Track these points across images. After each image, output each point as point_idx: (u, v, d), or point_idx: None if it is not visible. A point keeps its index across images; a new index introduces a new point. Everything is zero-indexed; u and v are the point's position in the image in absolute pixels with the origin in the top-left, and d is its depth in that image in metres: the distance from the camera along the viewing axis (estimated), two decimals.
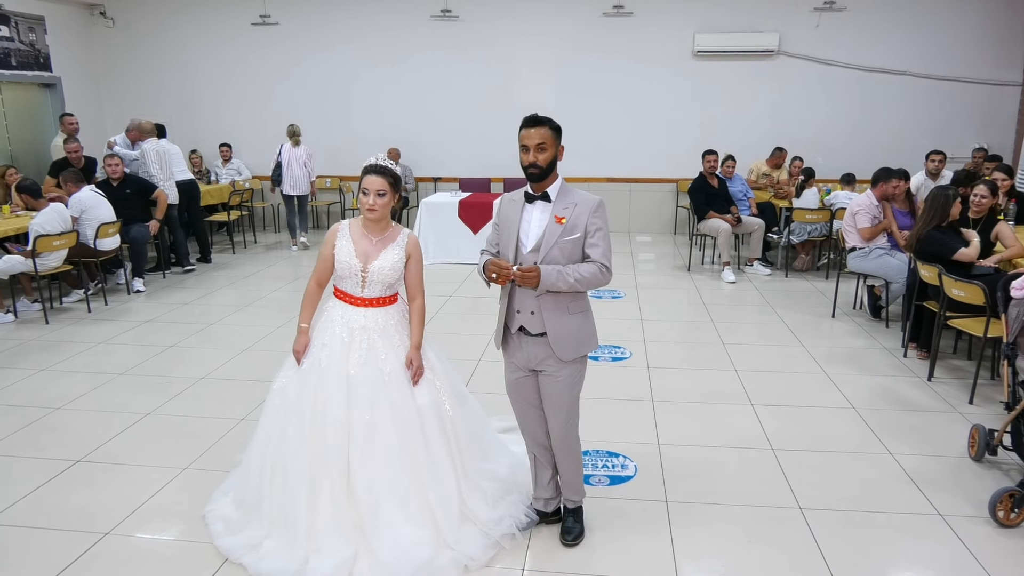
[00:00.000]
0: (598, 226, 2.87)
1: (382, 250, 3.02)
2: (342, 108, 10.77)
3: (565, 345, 2.89)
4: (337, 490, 2.90)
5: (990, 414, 4.40)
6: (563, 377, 2.93)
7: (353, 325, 3.01)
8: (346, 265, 3.00)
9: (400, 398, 2.97)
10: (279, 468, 2.98)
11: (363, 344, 2.99)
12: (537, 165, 2.81)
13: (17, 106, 9.73)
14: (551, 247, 2.83)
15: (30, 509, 3.41)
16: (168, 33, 10.84)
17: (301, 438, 2.93)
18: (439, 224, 8.79)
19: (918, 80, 9.74)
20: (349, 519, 2.90)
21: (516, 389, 3.08)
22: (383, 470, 2.91)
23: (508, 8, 10.16)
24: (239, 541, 3.02)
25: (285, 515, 2.94)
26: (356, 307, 3.04)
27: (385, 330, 3.03)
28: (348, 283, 3.04)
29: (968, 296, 4.59)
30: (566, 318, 2.88)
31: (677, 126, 10.27)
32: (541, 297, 2.85)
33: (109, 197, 7.18)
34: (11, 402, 4.65)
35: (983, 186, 5.32)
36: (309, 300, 3.14)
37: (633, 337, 5.89)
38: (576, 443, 3.09)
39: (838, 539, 3.16)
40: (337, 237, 3.06)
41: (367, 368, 2.96)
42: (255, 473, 3.10)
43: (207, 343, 5.82)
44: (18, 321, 6.41)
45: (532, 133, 2.79)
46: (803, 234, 8.04)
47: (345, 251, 3.01)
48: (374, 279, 3.00)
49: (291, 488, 2.93)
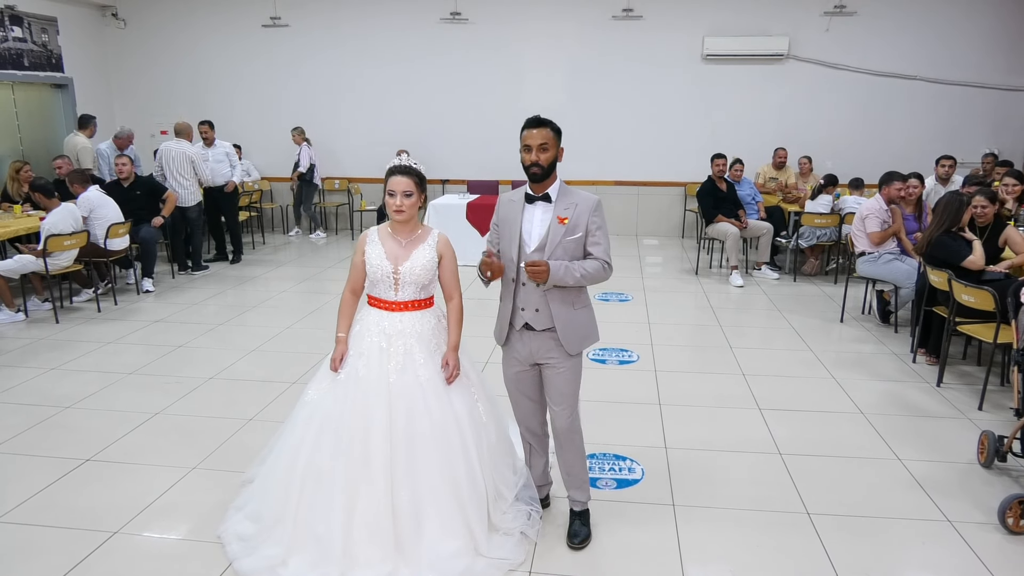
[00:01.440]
0: (598, 224, 2.96)
1: (412, 251, 2.98)
2: (351, 110, 10.80)
3: (573, 339, 2.99)
4: (377, 502, 2.83)
5: (1000, 420, 4.38)
6: (567, 368, 3.02)
7: (390, 331, 2.97)
8: (377, 268, 2.97)
9: (439, 406, 2.93)
10: (310, 479, 2.89)
11: (400, 350, 2.94)
12: (539, 164, 2.88)
13: (30, 106, 9.80)
14: (555, 246, 2.90)
15: (40, 507, 3.43)
16: (179, 34, 10.90)
17: (338, 449, 2.87)
18: (447, 226, 8.78)
19: (928, 85, 9.71)
20: (388, 532, 2.82)
21: (516, 382, 3.15)
22: (424, 480, 2.87)
23: (517, 11, 10.18)
24: (259, 563, 2.90)
25: (316, 530, 2.85)
26: (391, 312, 3.00)
27: (422, 335, 2.99)
28: (381, 287, 3.00)
29: (978, 302, 4.57)
30: (572, 313, 2.98)
31: (686, 129, 10.26)
32: (548, 293, 2.92)
33: (119, 198, 7.23)
34: (21, 401, 4.68)
35: (980, 196, 5.25)
36: (345, 309, 3.11)
37: (640, 340, 5.89)
38: (580, 437, 3.14)
39: (846, 544, 3.15)
40: (366, 243, 3.03)
41: (405, 375, 2.92)
42: (281, 485, 3.00)
43: (216, 343, 5.84)
44: (28, 320, 6.45)
45: (535, 133, 2.86)
46: (812, 238, 8.02)
47: (376, 255, 2.98)
48: (406, 280, 2.97)
49: (324, 501, 2.85)
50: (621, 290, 7.47)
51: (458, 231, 8.73)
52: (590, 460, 3.86)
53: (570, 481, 3.18)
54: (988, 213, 5.21)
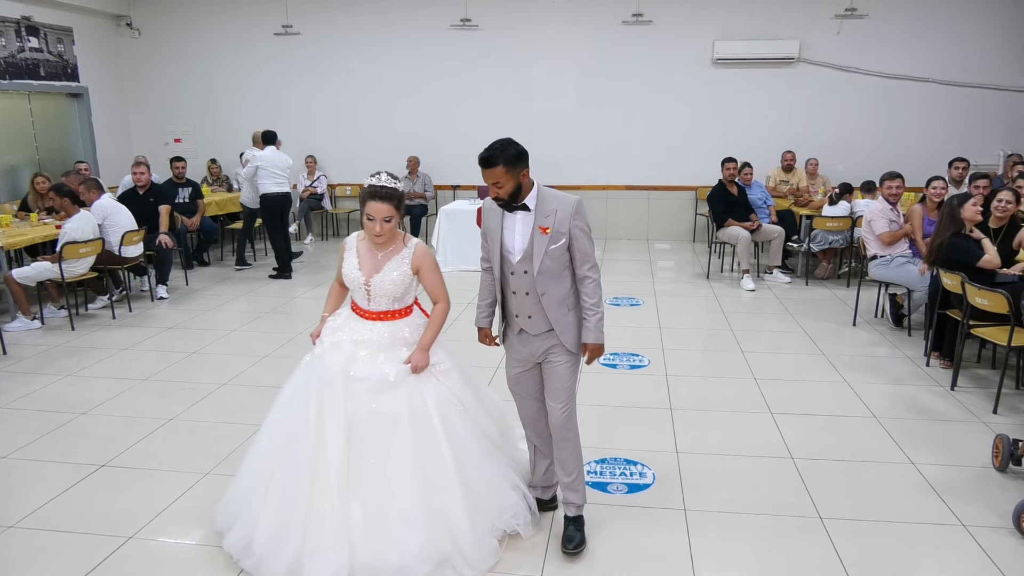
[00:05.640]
0: (580, 227, 2.94)
1: (386, 263, 2.99)
2: (362, 116, 10.86)
3: (571, 337, 3.03)
4: (336, 491, 2.81)
5: (1014, 424, 4.35)
6: (564, 362, 3.05)
7: (358, 338, 3.01)
8: (352, 279, 3.03)
9: (406, 397, 2.92)
10: (282, 463, 2.93)
11: (365, 356, 2.97)
12: (500, 198, 2.89)
13: (46, 116, 9.93)
14: (542, 257, 2.91)
15: (56, 512, 3.47)
16: (192, 43, 11.01)
17: (305, 434, 2.88)
18: (458, 231, 8.83)
19: (940, 87, 9.66)
20: (346, 522, 2.80)
21: (518, 383, 3.18)
22: (382, 473, 2.85)
23: (527, 17, 10.21)
24: (234, 543, 3.00)
25: (283, 512, 2.87)
26: (364, 320, 3.05)
27: (392, 344, 3.01)
28: (357, 296, 3.07)
29: (991, 305, 4.54)
30: (568, 314, 3.02)
31: (696, 134, 10.24)
32: (541, 300, 2.96)
33: (135, 206, 7.30)
34: (38, 407, 4.73)
35: (1007, 191, 5.27)
36: (334, 294, 3.25)
37: (651, 345, 5.88)
38: (575, 434, 3.13)
39: (859, 549, 3.14)
40: (345, 251, 3.09)
41: (369, 368, 2.93)
42: (256, 468, 3.05)
43: (229, 349, 5.89)
44: (45, 327, 6.52)
45: (486, 174, 2.85)
46: (824, 243, 7.99)
47: (351, 265, 3.03)
48: (377, 292, 2.99)
49: (292, 485, 2.87)
50: (632, 294, 7.47)
51: (469, 236, 8.76)
52: (601, 464, 3.86)
53: (564, 481, 3.13)
54: (1010, 210, 5.20)
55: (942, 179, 6.50)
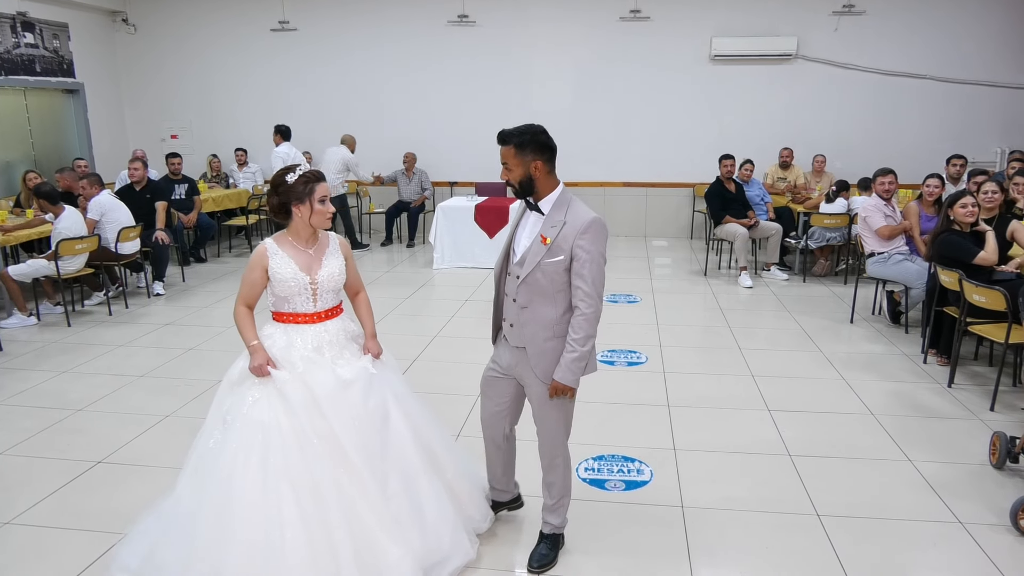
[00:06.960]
0: (586, 249, 2.63)
1: (322, 258, 2.87)
2: (360, 113, 10.83)
3: (541, 363, 2.77)
4: (375, 496, 2.70)
5: (1011, 421, 4.35)
6: (539, 393, 2.82)
7: (318, 342, 2.82)
8: (292, 282, 2.78)
9: (387, 385, 2.90)
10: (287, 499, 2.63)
11: (329, 355, 2.83)
12: (509, 183, 2.76)
13: (42, 111, 9.89)
14: (534, 267, 2.69)
15: (52, 509, 3.46)
16: (189, 39, 10.97)
17: (282, 457, 2.64)
18: (455, 228, 8.81)
19: (938, 84, 9.66)
20: (392, 519, 2.72)
21: (488, 383, 3.03)
22: (396, 463, 2.82)
23: (525, 13, 10.19)
24: None
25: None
26: (312, 325, 2.84)
27: (348, 340, 2.92)
28: (297, 301, 2.83)
29: (989, 302, 4.54)
30: (548, 341, 2.75)
31: (694, 130, 10.24)
32: (522, 312, 2.76)
33: (131, 202, 7.28)
34: (34, 403, 4.72)
35: (991, 183, 5.30)
36: (247, 320, 2.85)
37: (649, 342, 5.88)
38: (562, 465, 2.94)
39: (856, 546, 3.14)
40: (268, 257, 2.80)
41: (350, 367, 2.83)
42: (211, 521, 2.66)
43: (225, 346, 5.87)
44: (40, 324, 6.50)
45: (501, 153, 2.72)
46: (821, 240, 7.99)
47: (286, 268, 2.78)
48: (325, 288, 2.84)
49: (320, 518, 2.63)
50: (630, 291, 7.47)
51: (466, 233, 8.76)
52: (598, 461, 3.86)
53: (547, 503, 3.02)
54: (997, 200, 5.22)
55: (938, 177, 6.49)
